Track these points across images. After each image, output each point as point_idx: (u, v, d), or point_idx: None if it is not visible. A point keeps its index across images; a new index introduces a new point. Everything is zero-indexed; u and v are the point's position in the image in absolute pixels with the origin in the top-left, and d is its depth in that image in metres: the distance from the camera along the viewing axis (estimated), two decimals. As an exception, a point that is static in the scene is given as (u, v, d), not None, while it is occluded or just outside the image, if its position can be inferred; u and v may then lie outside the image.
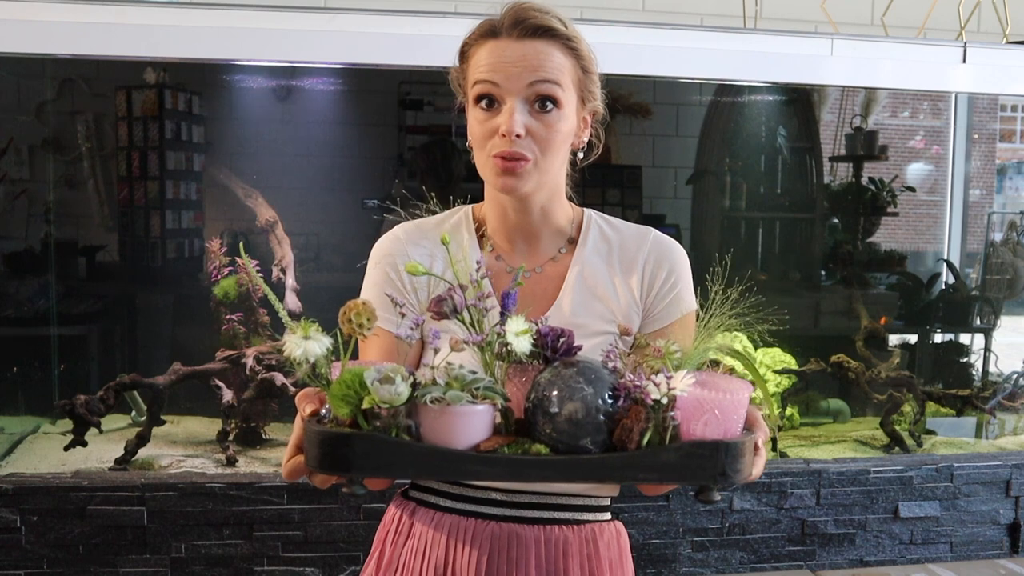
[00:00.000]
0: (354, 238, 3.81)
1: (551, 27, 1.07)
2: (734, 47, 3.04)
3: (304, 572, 2.78)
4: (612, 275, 1.15)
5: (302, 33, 2.76)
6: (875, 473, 3.11)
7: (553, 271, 1.16)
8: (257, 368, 3.02)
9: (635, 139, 4.10)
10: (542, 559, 1.10)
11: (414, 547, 1.13)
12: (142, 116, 3.60)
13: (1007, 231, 4.40)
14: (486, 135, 1.08)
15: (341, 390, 0.84)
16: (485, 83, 1.07)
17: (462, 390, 0.87)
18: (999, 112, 7.27)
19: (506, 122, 1.05)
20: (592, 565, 1.12)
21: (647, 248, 1.16)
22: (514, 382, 0.93)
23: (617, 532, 1.17)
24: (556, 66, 1.07)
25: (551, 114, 1.07)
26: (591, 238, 1.18)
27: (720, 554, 3.02)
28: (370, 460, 0.84)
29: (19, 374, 3.54)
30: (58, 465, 2.89)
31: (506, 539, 1.10)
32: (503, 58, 1.06)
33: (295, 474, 0.92)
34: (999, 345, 4.13)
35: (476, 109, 1.09)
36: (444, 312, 0.93)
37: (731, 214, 4.26)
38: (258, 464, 2.97)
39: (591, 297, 1.13)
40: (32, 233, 3.61)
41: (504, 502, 1.11)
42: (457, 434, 0.85)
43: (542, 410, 0.88)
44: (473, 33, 1.12)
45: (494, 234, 1.17)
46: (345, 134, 3.89)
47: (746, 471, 0.88)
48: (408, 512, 1.15)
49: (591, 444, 0.87)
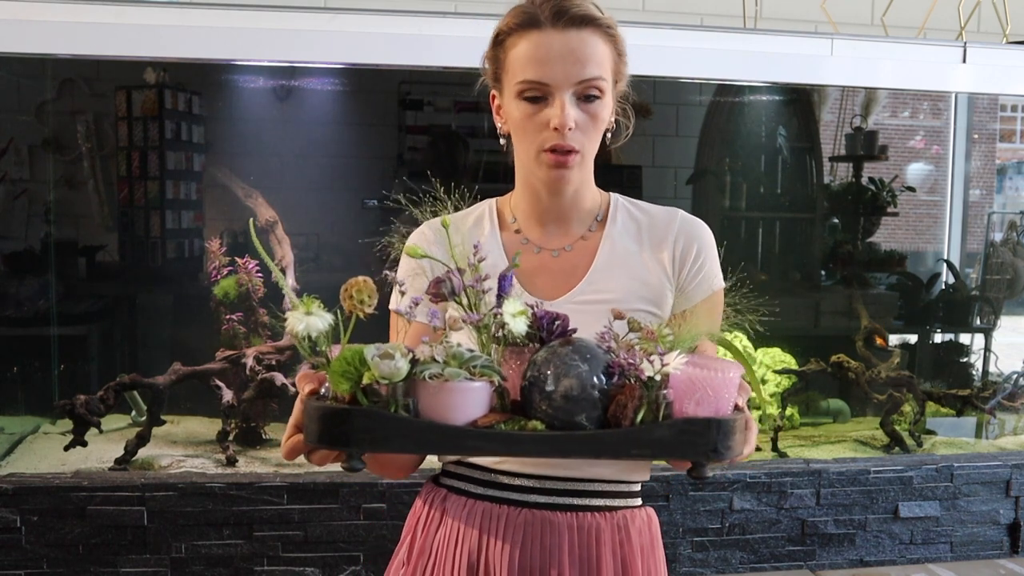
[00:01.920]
0: (354, 238, 3.80)
1: (592, 16, 1.09)
2: (734, 47, 3.04)
3: (304, 572, 2.78)
4: (642, 252, 1.17)
5: (302, 33, 2.76)
6: (875, 473, 3.11)
7: (583, 248, 1.17)
8: (257, 368, 3.02)
9: (635, 139, 4.07)
10: (575, 546, 1.10)
11: (446, 534, 1.13)
12: (142, 116, 3.60)
13: (1007, 231, 4.40)
14: (535, 128, 1.09)
15: (341, 367, 0.86)
16: (534, 83, 1.08)
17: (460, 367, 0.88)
18: (999, 112, 7.26)
19: (558, 117, 1.07)
20: (624, 551, 1.12)
21: (676, 227, 1.18)
22: (510, 364, 0.95)
23: (648, 518, 1.17)
24: (600, 58, 1.09)
25: (595, 104, 1.09)
26: (619, 219, 1.20)
27: (720, 554, 3.02)
28: (369, 435, 0.86)
29: (19, 374, 3.54)
30: (58, 465, 2.89)
31: (539, 526, 1.10)
32: (551, 52, 1.07)
33: (293, 452, 0.94)
34: (999, 345, 4.13)
35: (520, 102, 1.09)
36: (442, 293, 0.95)
37: (731, 214, 4.26)
38: (258, 464, 2.97)
39: (623, 273, 1.15)
40: (32, 233, 3.61)
41: (536, 489, 1.11)
42: (454, 410, 0.87)
43: (538, 387, 0.90)
44: (509, 19, 1.11)
45: (521, 216, 1.19)
46: (345, 134, 3.89)
47: (737, 448, 0.90)
48: (439, 499, 1.15)
49: (586, 420, 0.89)
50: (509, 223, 1.20)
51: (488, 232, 1.19)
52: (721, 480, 2.99)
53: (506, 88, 1.13)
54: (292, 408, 0.95)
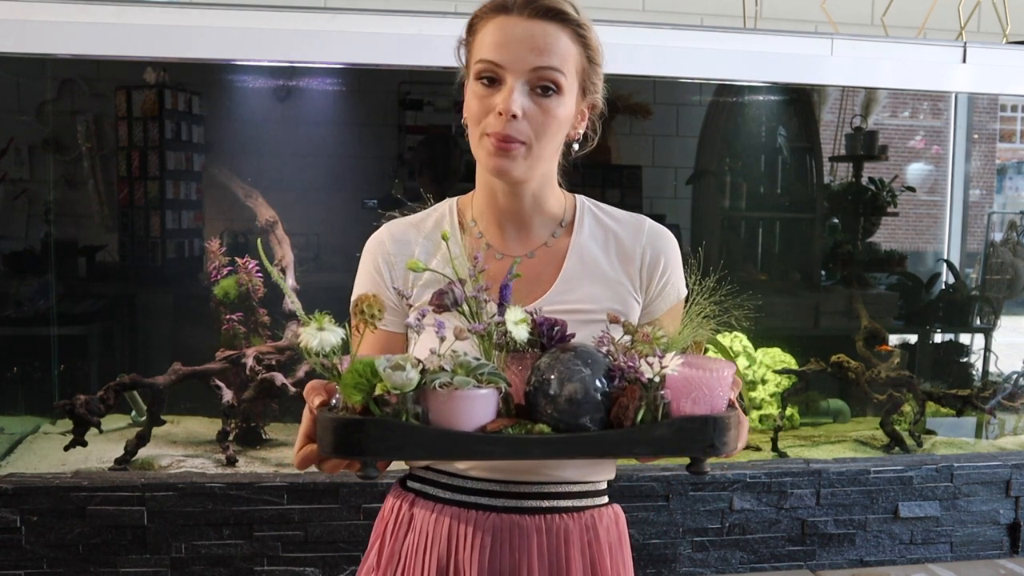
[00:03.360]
0: (354, 238, 3.79)
1: (563, 10, 1.06)
2: (734, 47, 3.04)
3: (304, 572, 2.78)
4: (610, 262, 1.16)
5: (302, 33, 2.76)
6: (875, 473, 3.11)
7: (546, 256, 1.15)
8: (257, 368, 3.02)
9: (635, 139, 4.10)
10: (544, 548, 1.10)
11: (415, 539, 1.13)
12: (142, 116, 3.60)
13: (1007, 231, 4.40)
14: (483, 112, 1.06)
15: (353, 379, 0.89)
16: (488, 62, 1.05)
17: (468, 376, 0.91)
18: (999, 112, 7.27)
19: (504, 101, 1.03)
20: (593, 551, 1.13)
21: (643, 239, 1.16)
22: (512, 369, 0.98)
23: (615, 515, 1.18)
24: (562, 52, 1.05)
25: (550, 99, 1.05)
26: (586, 224, 1.17)
27: (720, 554, 3.02)
28: (383, 443, 0.88)
29: (19, 374, 3.54)
30: (58, 465, 2.89)
31: (508, 529, 1.10)
32: (510, 36, 1.04)
33: (306, 462, 0.96)
34: (999, 345, 4.13)
35: (476, 84, 1.07)
36: (445, 304, 0.97)
37: (731, 214, 4.26)
38: (258, 464, 2.97)
39: (591, 282, 1.14)
40: (32, 233, 3.62)
41: (504, 493, 1.11)
42: (464, 417, 0.90)
43: (543, 392, 0.93)
44: (484, 6, 1.10)
45: (481, 219, 1.16)
46: (345, 134, 3.89)
47: (732, 444, 0.94)
48: (408, 503, 1.15)
49: (590, 422, 0.92)
50: (469, 225, 1.17)
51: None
52: (721, 480, 2.99)
53: (469, 69, 1.10)
54: (292, 408, 0.96)
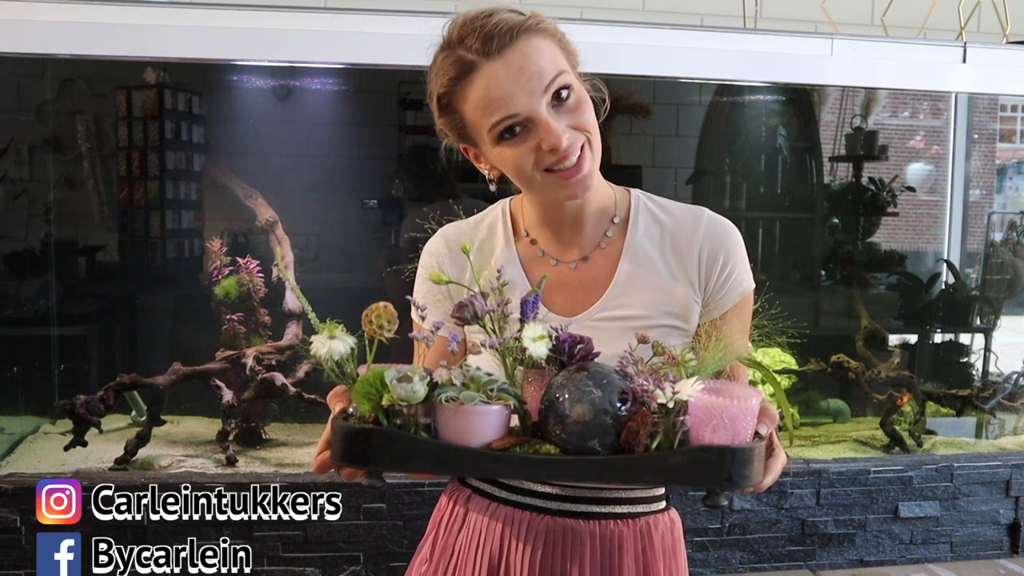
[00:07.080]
0: (354, 238, 3.81)
1: (518, 24, 1.01)
2: (734, 47, 3.04)
3: (304, 572, 2.78)
4: (666, 263, 1.11)
5: (302, 33, 2.76)
6: (875, 473, 3.11)
7: (602, 259, 1.12)
8: (257, 368, 3.02)
9: (635, 139, 4.10)
10: (596, 553, 1.10)
11: (469, 535, 1.13)
12: (142, 116, 3.59)
13: (1007, 231, 4.40)
14: (530, 162, 1.03)
15: (364, 388, 0.89)
16: (503, 119, 1.01)
17: (478, 391, 0.90)
18: (999, 112, 7.26)
19: (547, 139, 1.00)
20: (646, 558, 1.12)
21: (701, 233, 1.12)
22: (533, 386, 0.95)
23: (671, 521, 1.17)
24: (548, 55, 1.02)
25: (571, 99, 1.03)
26: (641, 222, 1.14)
27: (720, 554, 3.02)
28: (387, 454, 0.89)
29: (19, 374, 3.54)
30: (58, 465, 2.89)
31: (561, 533, 1.09)
32: (503, 84, 1.00)
33: (323, 468, 0.96)
34: (999, 345, 4.13)
35: (503, 147, 1.03)
36: (465, 317, 0.96)
37: (731, 214, 4.22)
38: (258, 464, 2.97)
39: (646, 287, 1.10)
40: (32, 233, 3.61)
41: (559, 496, 1.10)
42: (471, 432, 0.89)
43: (554, 412, 0.91)
44: (442, 79, 1.04)
45: (533, 227, 1.15)
46: (345, 134, 3.89)
47: (755, 477, 0.89)
48: (463, 499, 1.16)
49: (599, 446, 0.89)
50: (522, 233, 1.15)
51: (502, 243, 1.15)
52: (721, 480, 2.99)
53: (480, 141, 1.06)
54: (292, 408, 0.97)
